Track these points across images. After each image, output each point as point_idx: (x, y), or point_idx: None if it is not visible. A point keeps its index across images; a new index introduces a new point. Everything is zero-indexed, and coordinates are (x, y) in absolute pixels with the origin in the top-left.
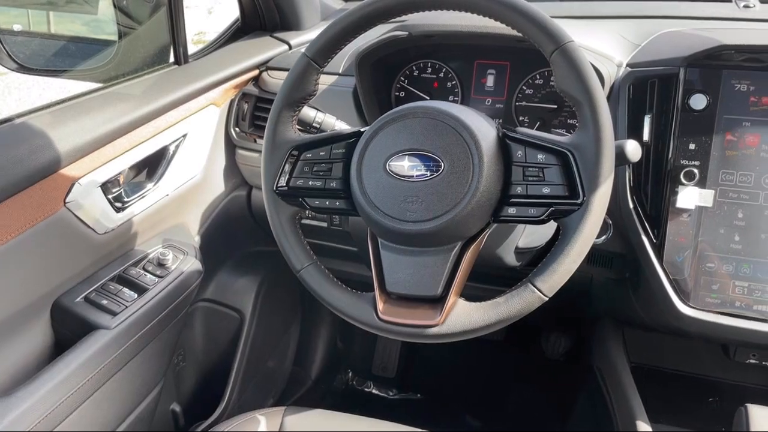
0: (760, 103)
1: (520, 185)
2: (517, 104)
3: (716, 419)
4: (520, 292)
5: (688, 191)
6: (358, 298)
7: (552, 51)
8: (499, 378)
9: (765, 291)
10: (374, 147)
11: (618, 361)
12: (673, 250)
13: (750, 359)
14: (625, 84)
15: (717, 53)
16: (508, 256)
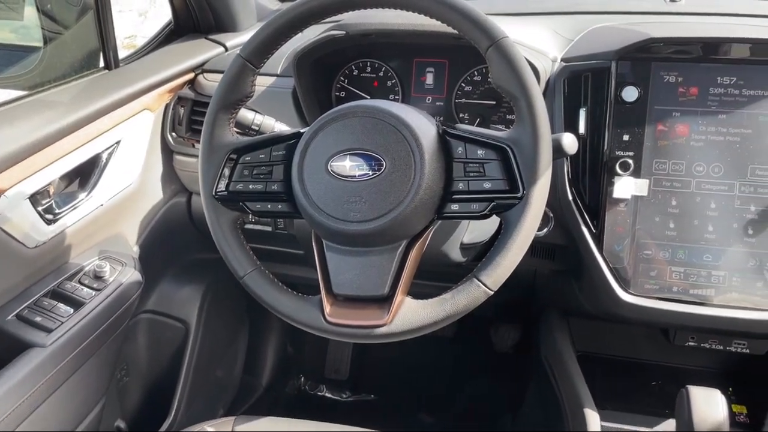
0: (688, 94)
1: (462, 181)
2: (457, 101)
3: (660, 402)
4: (465, 287)
5: (624, 181)
6: (305, 302)
7: (487, 47)
8: (450, 373)
9: (700, 275)
10: (315, 148)
11: (564, 351)
12: (612, 239)
13: (689, 342)
14: (560, 78)
15: (646, 46)
16: (454, 253)
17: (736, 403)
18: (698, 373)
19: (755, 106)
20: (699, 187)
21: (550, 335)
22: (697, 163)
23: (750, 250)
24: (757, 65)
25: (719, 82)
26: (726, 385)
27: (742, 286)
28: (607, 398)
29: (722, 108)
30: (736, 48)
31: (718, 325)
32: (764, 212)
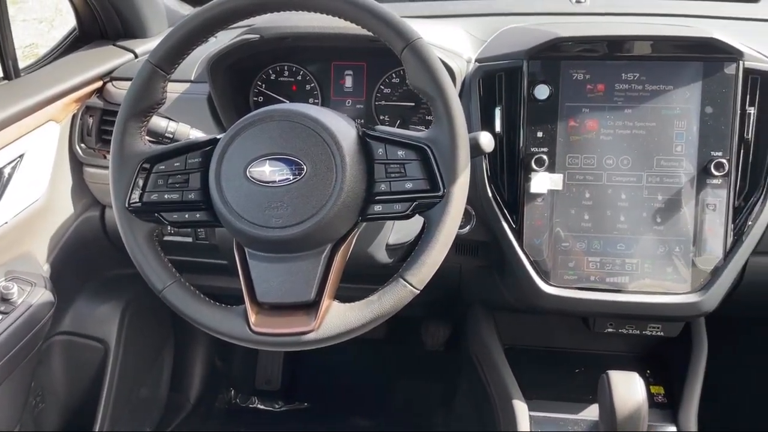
0: (595, 90)
1: (384, 182)
2: (377, 103)
3: (583, 388)
4: (391, 288)
5: (540, 177)
6: (229, 313)
7: (402, 48)
8: (383, 375)
9: (615, 264)
10: (232, 153)
11: (491, 345)
12: (532, 233)
13: (608, 329)
14: (475, 78)
15: (555, 45)
16: (380, 254)
17: (653, 384)
18: (618, 358)
19: (658, 100)
20: (610, 180)
21: (477, 330)
22: (607, 156)
23: (659, 238)
24: (658, 61)
25: (624, 78)
26: (644, 368)
27: (654, 272)
28: (534, 388)
29: (628, 103)
30: (639, 45)
31: (633, 311)
32: (670, 201)
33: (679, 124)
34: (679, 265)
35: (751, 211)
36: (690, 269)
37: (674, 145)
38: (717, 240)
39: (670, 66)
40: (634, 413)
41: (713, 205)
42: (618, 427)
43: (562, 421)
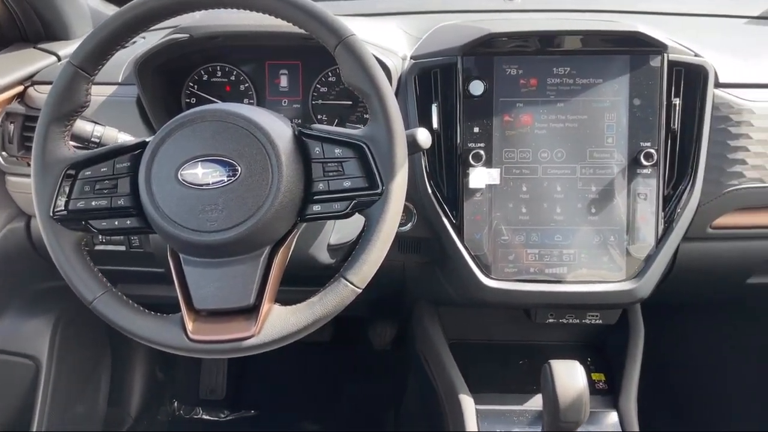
0: (528, 85)
1: (322, 181)
2: (314, 103)
3: (528, 379)
4: (333, 288)
5: (478, 172)
6: (164, 321)
7: (335, 45)
8: (331, 378)
9: (553, 255)
10: (162, 156)
11: (437, 341)
12: (472, 228)
13: (549, 319)
14: (410, 75)
15: (488, 42)
16: (322, 255)
17: (594, 371)
18: (560, 348)
19: (588, 93)
20: (545, 173)
21: (423, 327)
22: (542, 149)
23: (594, 228)
24: (588, 55)
25: (555, 73)
26: (585, 356)
27: (590, 262)
28: (480, 382)
29: (560, 97)
30: (569, 40)
31: (572, 300)
32: (603, 191)
33: (610, 117)
34: (614, 254)
35: (679, 199)
36: (624, 257)
37: (605, 136)
38: (649, 228)
39: (599, 60)
40: (576, 401)
41: (644, 194)
42: (561, 416)
43: (508, 413)
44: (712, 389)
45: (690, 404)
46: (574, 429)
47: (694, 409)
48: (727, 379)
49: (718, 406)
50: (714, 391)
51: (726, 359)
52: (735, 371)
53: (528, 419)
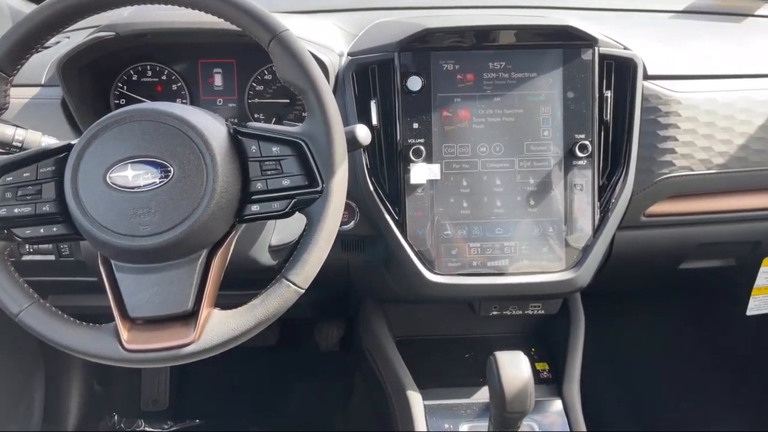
0: (465, 80)
1: (260, 181)
2: (250, 102)
3: (474, 372)
4: (275, 289)
5: (419, 167)
6: (97, 332)
7: (268, 41)
8: (278, 382)
9: (494, 248)
10: (89, 159)
11: (383, 338)
12: (414, 224)
13: (493, 312)
14: (348, 72)
15: (424, 37)
16: (263, 257)
17: (538, 361)
18: (505, 339)
19: (523, 87)
20: (485, 167)
21: (369, 325)
22: (481, 144)
23: (534, 220)
24: (522, 50)
25: (491, 68)
26: (529, 347)
27: (531, 253)
28: (427, 377)
29: (496, 91)
30: (503, 35)
31: (514, 292)
32: (541, 184)
33: (545, 110)
34: (553, 245)
35: (614, 189)
36: (563, 248)
37: (541, 129)
38: (586, 218)
39: (533, 54)
40: (522, 391)
41: (580, 185)
42: (507, 406)
43: (455, 406)
44: (652, 373)
45: (632, 387)
46: (521, 419)
47: (636, 392)
48: (667, 362)
49: (660, 388)
50: (655, 374)
51: (663, 343)
52: (673, 354)
53: (475, 412)
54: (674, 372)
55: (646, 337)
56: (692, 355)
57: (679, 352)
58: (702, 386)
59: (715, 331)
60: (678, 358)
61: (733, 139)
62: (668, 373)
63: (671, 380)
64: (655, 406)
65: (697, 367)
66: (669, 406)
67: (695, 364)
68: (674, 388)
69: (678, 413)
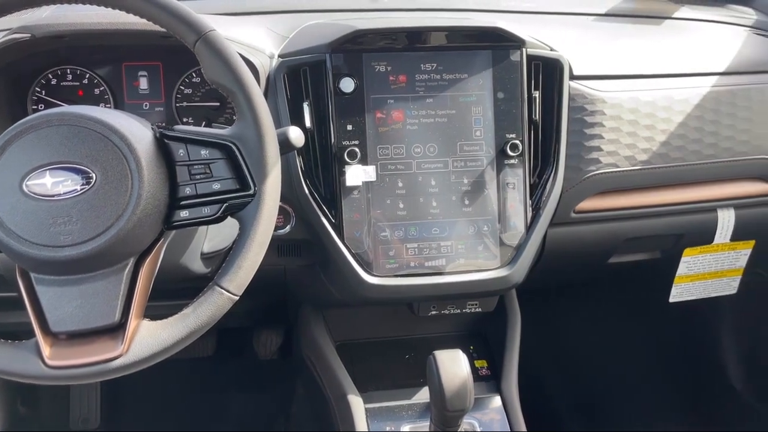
0: (398, 81)
1: (189, 185)
2: (178, 105)
3: (415, 373)
4: (207, 297)
5: (354, 169)
6: (17, 349)
7: (194, 41)
8: (216, 394)
9: (431, 248)
10: (3, 167)
11: (323, 344)
12: (351, 226)
13: (432, 311)
14: (279, 74)
15: (356, 38)
16: (195, 264)
17: (477, 359)
18: (444, 339)
19: (455, 88)
20: (419, 167)
21: (308, 331)
22: (415, 145)
23: (469, 219)
24: (453, 51)
25: (423, 69)
26: (468, 345)
27: (467, 252)
28: (368, 381)
29: (429, 92)
30: (434, 36)
31: (452, 291)
32: (475, 183)
33: (476, 110)
34: (488, 243)
35: (545, 186)
36: (498, 246)
37: (473, 130)
38: (519, 216)
39: (464, 55)
40: (461, 389)
41: (513, 184)
42: (447, 405)
43: (397, 408)
44: (591, 362)
45: (572, 378)
46: (461, 416)
47: (576, 381)
48: (604, 351)
49: (598, 376)
50: (593, 363)
51: (599, 333)
52: (609, 344)
53: (416, 412)
54: (611, 360)
55: (583, 329)
56: (627, 344)
57: (614, 342)
58: (637, 371)
59: (646, 320)
60: (614, 347)
61: (655, 136)
62: (606, 362)
63: (609, 368)
64: (595, 395)
65: (631, 354)
66: (609, 394)
67: (630, 351)
68: (612, 375)
69: (618, 399)
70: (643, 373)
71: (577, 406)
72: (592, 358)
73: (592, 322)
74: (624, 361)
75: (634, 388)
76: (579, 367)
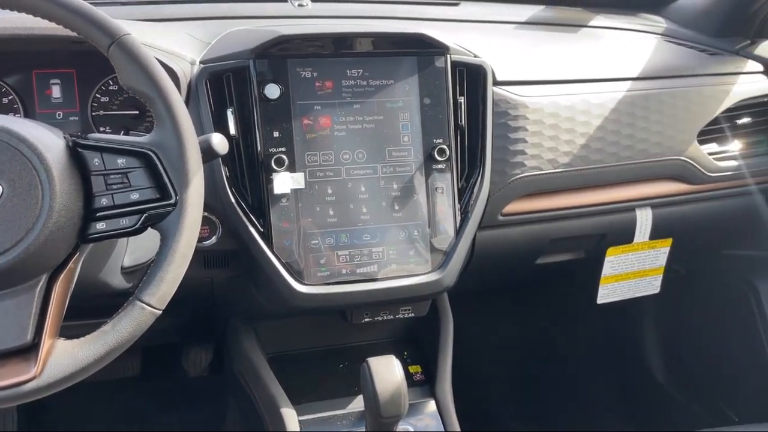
0: (324, 87)
1: (105, 196)
2: (95, 114)
3: (349, 382)
4: (127, 312)
5: (282, 177)
6: None
7: (108, 45)
8: (143, 415)
9: (363, 254)
10: None
11: (254, 357)
12: (281, 235)
13: (365, 318)
14: (201, 80)
15: (280, 44)
16: (115, 279)
17: (411, 364)
18: (379, 346)
19: (382, 94)
20: (349, 174)
21: (239, 345)
22: (344, 151)
23: (399, 224)
24: (379, 57)
25: (349, 75)
26: (402, 351)
27: (398, 257)
28: (302, 392)
29: (356, 98)
30: (360, 42)
31: (385, 297)
32: (405, 188)
33: (404, 116)
34: (419, 248)
35: (472, 190)
36: (429, 250)
37: (401, 135)
38: (448, 220)
39: (390, 61)
40: (395, 394)
41: (441, 188)
42: (382, 411)
43: (331, 418)
44: (524, 365)
45: (500, 383)
46: (396, 422)
47: (510, 384)
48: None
49: (531, 377)
50: (527, 363)
51: (531, 334)
52: (540, 344)
53: (351, 421)
54: (547, 361)
55: (517, 331)
56: (561, 344)
57: (548, 343)
58: (573, 371)
59: (577, 320)
60: (549, 348)
61: (575, 139)
62: (542, 362)
63: (546, 369)
64: (532, 395)
65: (566, 354)
66: (546, 394)
67: (565, 351)
68: (549, 375)
69: (555, 399)
70: (577, 372)
71: (516, 408)
72: (529, 360)
73: (527, 324)
74: (559, 361)
75: (570, 388)
76: (516, 368)
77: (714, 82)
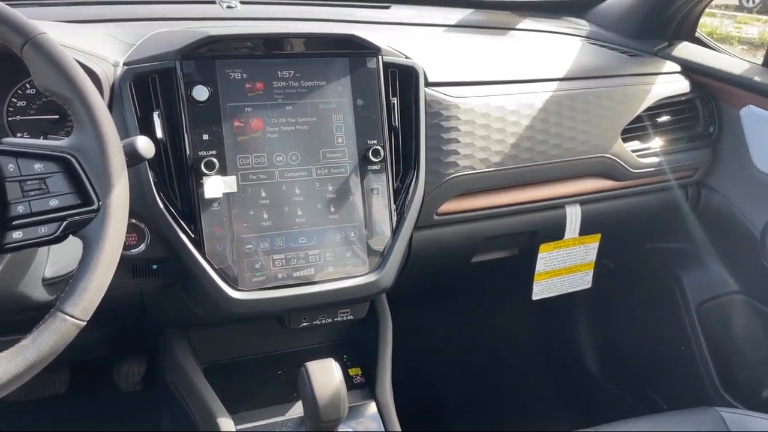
0: (254, 89)
1: (21, 203)
2: (11, 120)
3: (288, 388)
4: (48, 325)
5: (213, 181)
6: None
7: (21, 45)
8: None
9: (299, 258)
10: None
11: (188, 368)
12: (213, 240)
13: (303, 323)
14: (125, 82)
15: (208, 45)
16: (36, 291)
17: (351, 367)
18: (318, 350)
19: (314, 95)
20: (283, 176)
21: (172, 356)
22: (277, 153)
23: (336, 226)
24: (310, 58)
25: (281, 76)
26: (342, 354)
27: (336, 260)
28: (239, 401)
29: (288, 100)
30: (291, 43)
31: (322, 300)
32: (340, 190)
33: (337, 117)
34: (356, 249)
35: (407, 191)
36: (366, 251)
37: (335, 137)
38: (384, 221)
39: (321, 62)
40: (334, 398)
41: (377, 189)
42: (321, 415)
43: (270, 425)
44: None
45: (441, 383)
46: (336, 426)
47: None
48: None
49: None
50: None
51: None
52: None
53: (291, 427)
54: (487, 359)
55: (457, 330)
56: (501, 342)
57: (489, 341)
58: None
59: (515, 318)
60: (489, 346)
61: (506, 139)
62: (481, 361)
63: (486, 368)
64: (474, 394)
65: (507, 352)
66: (488, 392)
67: (505, 349)
68: (490, 373)
69: (498, 397)
70: (516, 368)
71: (456, 405)
72: (468, 358)
73: (466, 323)
74: (498, 358)
75: (510, 383)
76: (456, 366)
77: (635, 81)
